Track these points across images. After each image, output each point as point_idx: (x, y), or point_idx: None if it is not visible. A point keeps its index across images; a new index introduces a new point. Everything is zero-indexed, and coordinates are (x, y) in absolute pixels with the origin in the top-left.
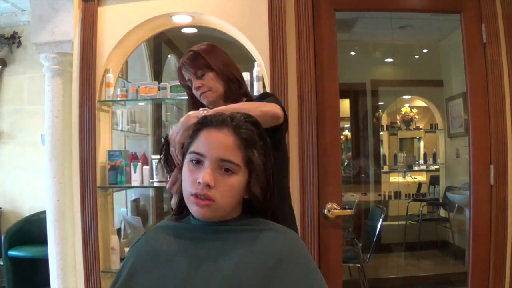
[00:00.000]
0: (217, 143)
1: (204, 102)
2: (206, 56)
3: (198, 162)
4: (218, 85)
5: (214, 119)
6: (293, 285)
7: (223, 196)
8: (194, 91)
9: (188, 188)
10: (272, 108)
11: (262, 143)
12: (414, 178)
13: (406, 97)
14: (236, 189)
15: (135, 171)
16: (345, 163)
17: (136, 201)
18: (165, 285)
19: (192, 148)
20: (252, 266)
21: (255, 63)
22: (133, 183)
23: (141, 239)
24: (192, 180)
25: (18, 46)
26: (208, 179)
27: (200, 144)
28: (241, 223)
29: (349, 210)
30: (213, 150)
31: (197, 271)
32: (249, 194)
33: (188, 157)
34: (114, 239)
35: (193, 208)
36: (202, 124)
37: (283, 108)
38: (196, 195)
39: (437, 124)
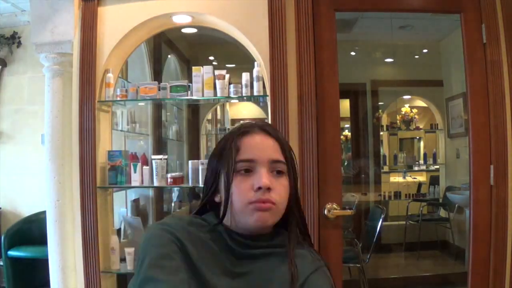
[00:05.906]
0: (265, 145)
1: None
2: None
3: (247, 171)
4: None
5: (254, 125)
6: None
7: (281, 198)
8: None
9: (243, 198)
10: None
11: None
12: (414, 178)
13: (406, 97)
14: (288, 191)
15: (135, 171)
16: (345, 163)
17: (136, 201)
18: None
19: (239, 157)
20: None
21: (255, 63)
22: (133, 183)
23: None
24: (247, 188)
25: (18, 46)
26: (268, 182)
27: (246, 151)
28: (273, 244)
29: (349, 210)
30: (263, 153)
31: (233, 280)
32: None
33: (237, 167)
34: (114, 239)
35: (253, 216)
36: (241, 134)
37: None
38: (256, 202)
39: (437, 124)
